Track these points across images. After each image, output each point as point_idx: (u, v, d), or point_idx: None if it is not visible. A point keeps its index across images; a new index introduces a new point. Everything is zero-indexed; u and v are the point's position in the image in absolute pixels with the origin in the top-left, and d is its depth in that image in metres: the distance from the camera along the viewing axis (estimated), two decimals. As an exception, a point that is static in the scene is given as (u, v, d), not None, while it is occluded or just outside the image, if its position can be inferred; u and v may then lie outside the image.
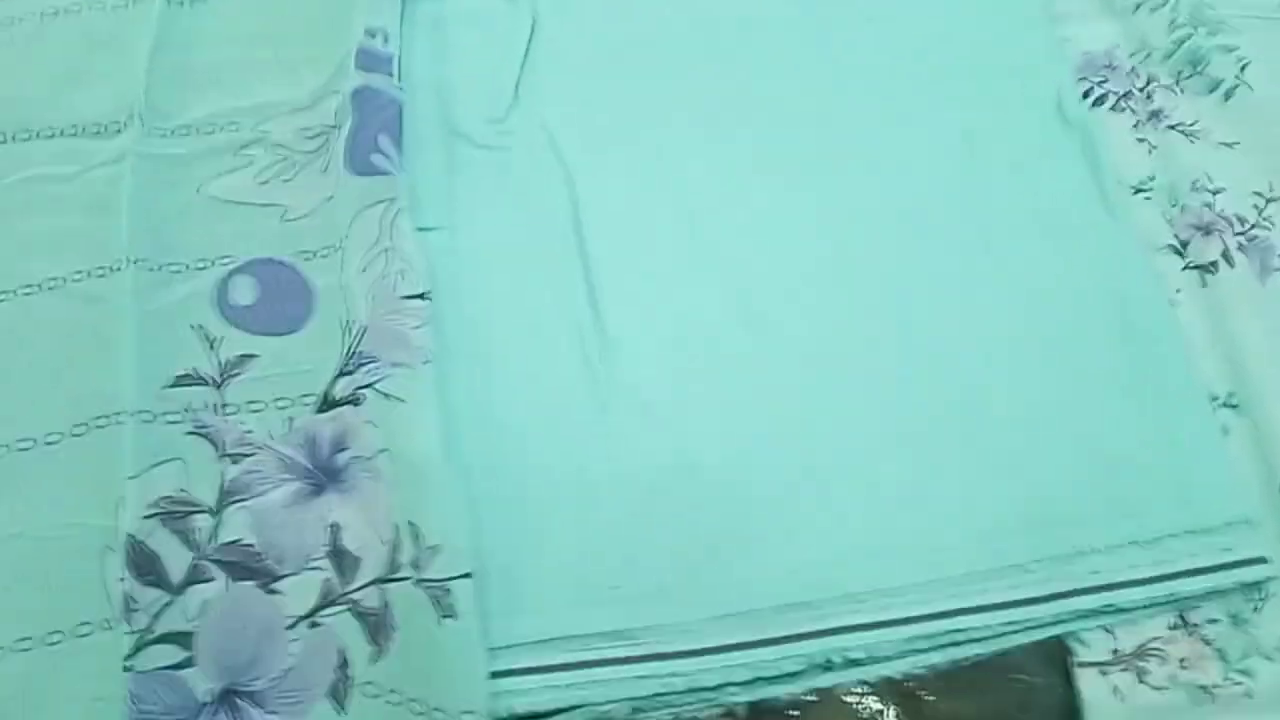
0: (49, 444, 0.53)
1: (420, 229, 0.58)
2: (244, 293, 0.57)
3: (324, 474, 0.52)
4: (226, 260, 0.58)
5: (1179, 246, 0.62)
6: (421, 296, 0.55)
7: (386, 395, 0.53)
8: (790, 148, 0.64)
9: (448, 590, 0.48)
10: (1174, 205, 0.64)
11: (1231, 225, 0.62)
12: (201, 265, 0.58)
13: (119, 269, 0.56)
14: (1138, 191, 0.64)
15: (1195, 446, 0.56)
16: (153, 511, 0.50)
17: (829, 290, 0.59)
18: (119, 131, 0.61)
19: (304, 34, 0.65)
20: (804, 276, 0.60)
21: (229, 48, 0.65)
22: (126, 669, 0.47)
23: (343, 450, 0.52)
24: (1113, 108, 0.67)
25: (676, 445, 0.55)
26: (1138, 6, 0.70)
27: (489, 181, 0.62)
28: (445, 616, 0.48)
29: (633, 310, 0.58)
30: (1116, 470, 0.55)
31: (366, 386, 0.53)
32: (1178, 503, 0.54)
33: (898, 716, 0.52)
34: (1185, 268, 0.62)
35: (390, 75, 0.62)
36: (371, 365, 0.53)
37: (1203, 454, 0.55)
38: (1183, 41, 0.68)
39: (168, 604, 0.49)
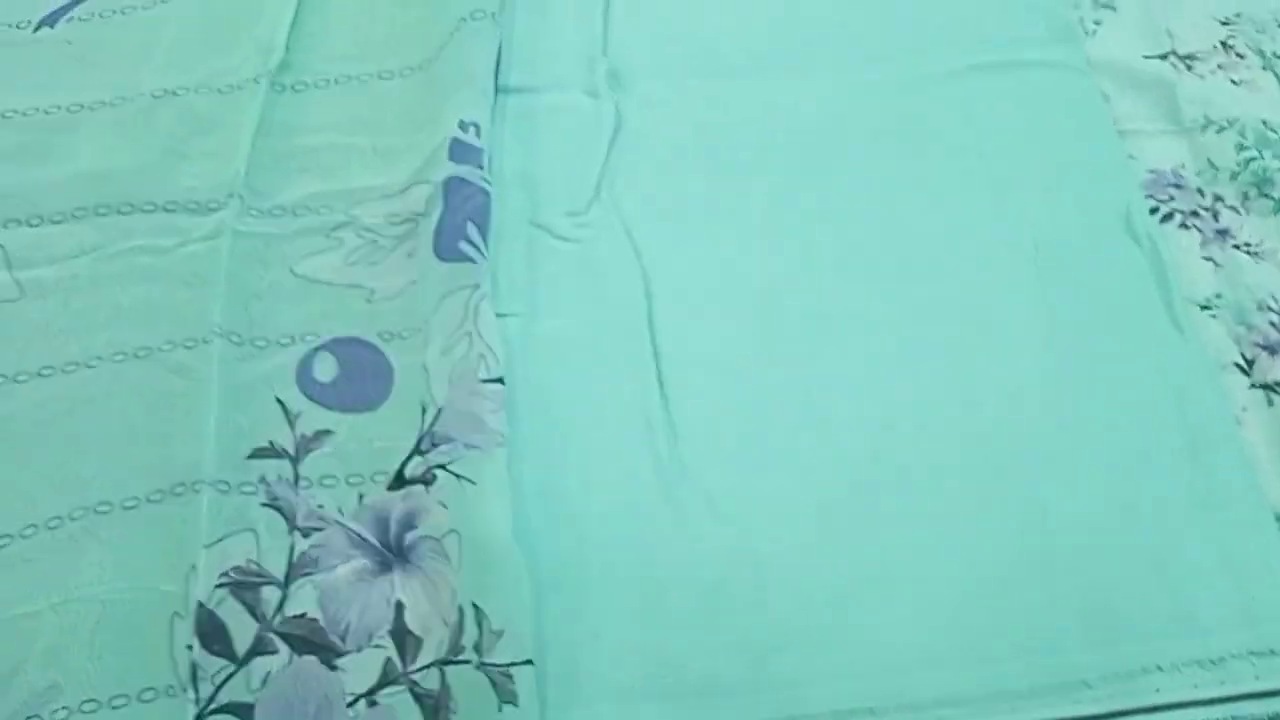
0: (126, 508, 0.54)
1: (499, 315, 0.59)
2: (325, 370, 0.59)
3: (391, 552, 0.53)
4: (311, 338, 0.60)
5: (1245, 365, 0.62)
6: (498, 381, 0.56)
7: (459, 477, 0.53)
8: (864, 251, 0.65)
9: (509, 676, 0.48)
10: (1240, 324, 0.64)
11: (1298, 345, 0.62)
12: (286, 341, 0.59)
13: (208, 341, 0.58)
14: (1204, 309, 0.64)
15: (1260, 566, 0.55)
16: (223, 581, 0.51)
17: (896, 393, 0.60)
18: (217, 209, 0.63)
19: (400, 124, 0.68)
20: (872, 378, 0.60)
21: (327, 134, 0.68)
22: (188, 738, 0.48)
23: (412, 529, 0.53)
24: (1180, 225, 0.67)
25: (740, 541, 0.55)
26: (1205, 127, 0.71)
27: (567, 272, 0.64)
28: (505, 703, 0.48)
29: (701, 404, 0.59)
30: (1180, 588, 0.54)
31: (439, 467, 0.54)
32: (1242, 623, 0.53)
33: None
34: (1251, 386, 0.62)
35: (480, 167, 0.64)
36: (446, 446, 0.54)
37: (1268, 574, 0.55)
38: (1249, 163, 0.69)
39: (231, 674, 0.49)
